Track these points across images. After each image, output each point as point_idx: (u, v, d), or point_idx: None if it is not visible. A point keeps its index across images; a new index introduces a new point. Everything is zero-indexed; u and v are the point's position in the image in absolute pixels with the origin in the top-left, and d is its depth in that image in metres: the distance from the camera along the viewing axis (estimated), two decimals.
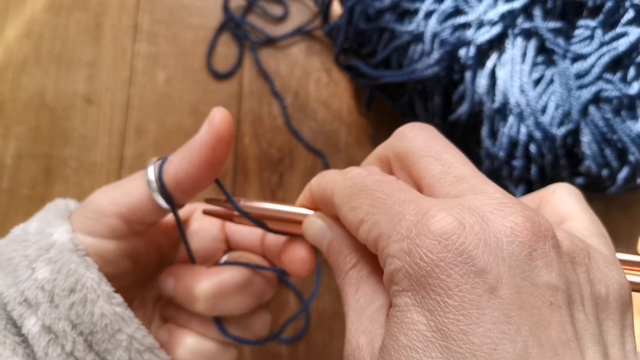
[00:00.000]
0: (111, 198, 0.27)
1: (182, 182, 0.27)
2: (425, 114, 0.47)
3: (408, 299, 0.18)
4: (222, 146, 0.27)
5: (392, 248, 0.19)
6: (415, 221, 0.18)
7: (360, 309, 0.22)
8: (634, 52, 0.42)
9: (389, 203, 0.20)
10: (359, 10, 0.47)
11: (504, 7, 0.42)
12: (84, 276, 0.25)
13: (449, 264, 0.17)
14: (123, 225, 0.27)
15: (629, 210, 0.52)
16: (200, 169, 0.26)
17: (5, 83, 0.50)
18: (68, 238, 0.26)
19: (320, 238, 0.25)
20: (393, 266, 0.19)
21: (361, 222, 0.21)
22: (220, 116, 0.26)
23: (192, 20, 0.53)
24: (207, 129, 0.26)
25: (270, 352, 0.46)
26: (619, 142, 0.42)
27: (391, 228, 0.19)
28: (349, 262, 0.23)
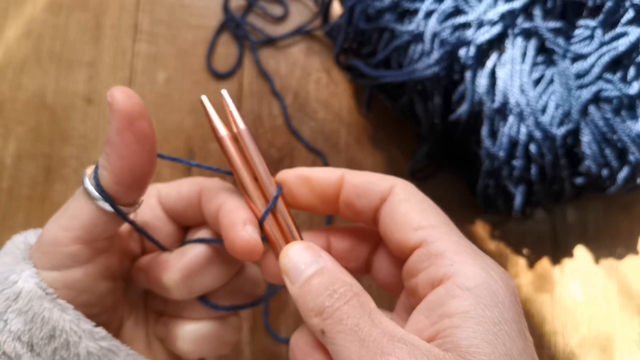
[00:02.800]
0: (62, 225, 0.25)
1: (123, 179, 0.25)
2: (425, 114, 0.47)
3: None
4: (136, 123, 0.24)
5: (472, 267, 0.22)
6: (489, 264, 0.23)
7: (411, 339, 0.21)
8: (634, 52, 0.42)
9: (458, 231, 0.24)
10: (359, 10, 0.47)
11: (504, 7, 0.42)
12: (61, 320, 0.24)
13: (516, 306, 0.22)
14: (84, 249, 0.26)
15: (629, 210, 0.52)
16: (131, 157, 0.24)
17: (5, 83, 0.50)
18: (34, 283, 0.24)
19: (310, 264, 0.24)
20: (475, 279, 0.21)
21: (430, 226, 0.24)
22: (118, 96, 0.24)
23: (192, 20, 0.53)
24: (112, 116, 0.24)
25: (270, 352, 0.46)
26: (619, 142, 0.42)
27: (468, 253, 0.23)
28: (350, 291, 0.23)
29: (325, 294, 0.23)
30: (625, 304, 0.50)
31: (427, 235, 0.24)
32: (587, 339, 0.49)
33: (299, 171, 0.27)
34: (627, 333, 0.49)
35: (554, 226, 0.51)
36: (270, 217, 0.26)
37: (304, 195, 0.27)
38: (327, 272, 0.24)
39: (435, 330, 0.21)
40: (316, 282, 0.23)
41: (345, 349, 0.21)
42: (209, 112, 0.27)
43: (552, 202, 0.47)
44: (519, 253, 0.51)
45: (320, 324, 0.22)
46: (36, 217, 0.47)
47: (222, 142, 0.27)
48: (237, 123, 0.27)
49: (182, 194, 0.29)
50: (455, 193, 0.51)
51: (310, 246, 0.25)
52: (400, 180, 0.26)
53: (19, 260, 0.25)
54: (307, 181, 0.26)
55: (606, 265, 0.51)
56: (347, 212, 0.27)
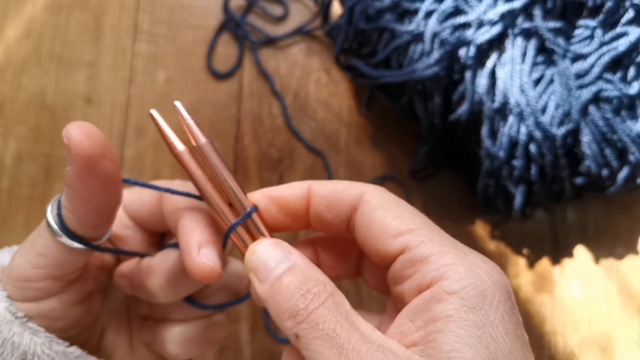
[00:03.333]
0: (30, 262, 0.25)
1: (88, 221, 0.24)
2: (425, 114, 0.47)
3: None
4: (99, 166, 0.22)
5: (461, 265, 0.21)
6: (476, 261, 0.22)
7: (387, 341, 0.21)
8: (634, 52, 0.42)
9: (440, 231, 0.23)
10: (359, 10, 0.47)
11: (504, 7, 0.42)
12: (32, 344, 0.24)
13: (508, 303, 0.21)
14: (55, 283, 0.25)
15: (629, 210, 0.52)
16: (94, 200, 0.23)
17: (5, 83, 0.50)
18: (3, 307, 0.24)
19: (279, 262, 0.23)
20: (460, 282, 0.21)
21: (411, 231, 0.23)
22: (76, 135, 0.21)
23: (192, 20, 0.53)
24: (70, 159, 0.22)
25: (270, 352, 0.46)
26: (619, 142, 0.42)
27: (453, 255, 0.22)
28: (324, 291, 0.22)
29: (298, 294, 0.21)
30: (625, 304, 0.50)
31: (407, 241, 0.22)
32: (587, 339, 0.49)
33: (264, 192, 0.26)
34: (627, 333, 0.49)
35: (554, 226, 0.51)
36: (241, 230, 0.25)
37: (274, 215, 0.25)
38: (299, 270, 0.22)
39: (420, 336, 0.21)
40: (288, 281, 0.22)
41: (322, 356, 0.20)
42: (161, 126, 0.25)
43: (552, 202, 0.47)
44: (519, 253, 0.51)
45: (295, 328, 0.21)
46: (36, 217, 0.47)
47: (180, 158, 0.25)
48: (197, 137, 0.25)
49: (144, 202, 0.29)
50: (455, 193, 0.51)
51: (279, 242, 0.24)
52: (369, 186, 0.25)
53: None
54: (274, 201, 0.25)
55: (606, 265, 0.50)
56: (319, 225, 0.26)
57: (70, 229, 0.23)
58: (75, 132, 0.21)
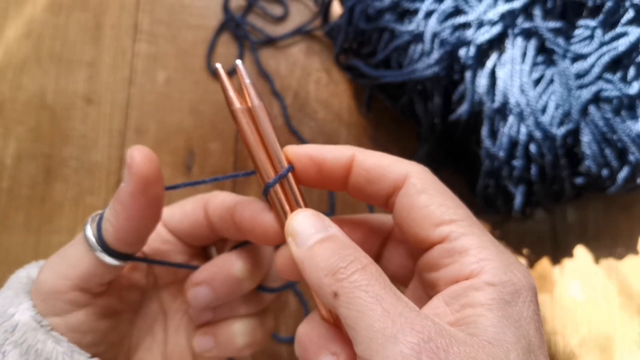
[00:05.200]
0: (60, 274, 0.26)
1: (127, 238, 0.25)
2: (425, 114, 0.47)
3: None
4: (152, 188, 0.24)
5: (500, 262, 0.22)
6: (511, 261, 0.22)
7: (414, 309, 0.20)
8: (634, 52, 0.42)
9: (481, 226, 0.23)
10: (359, 10, 0.47)
11: (504, 7, 0.42)
12: (54, 352, 0.24)
13: (534, 305, 0.22)
14: (83, 295, 0.26)
15: (629, 210, 0.52)
16: (139, 219, 0.24)
17: (5, 83, 0.50)
18: (29, 316, 0.25)
19: (318, 230, 0.23)
20: (500, 277, 0.21)
21: (453, 221, 0.23)
22: (138, 157, 0.24)
23: (192, 20, 0.53)
24: (129, 177, 0.24)
25: (270, 352, 0.46)
26: (619, 142, 0.42)
27: (492, 251, 0.22)
28: (364, 258, 0.21)
29: (337, 256, 0.21)
30: (625, 304, 0.50)
31: (449, 232, 0.23)
32: (587, 339, 0.49)
33: (306, 150, 0.25)
34: (627, 333, 0.49)
35: (554, 226, 0.51)
36: (279, 192, 0.26)
37: (311, 175, 0.26)
38: (337, 240, 0.22)
39: (456, 318, 0.21)
40: (327, 245, 0.22)
41: (365, 317, 0.19)
42: (224, 82, 0.27)
43: (552, 202, 0.47)
44: (519, 253, 0.51)
45: (334, 285, 0.20)
46: (36, 217, 0.47)
47: (235, 115, 0.26)
48: (252, 98, 0.26)
49: (187, 212, 0.29)
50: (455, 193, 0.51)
51: (320, 215, 0.24)
52: (415, 166, 0.25)
53: (18, 293, 0.26)
54: (313, 162, 0.25)
55: (606, 265, 0.51)
56: (356, 193, 0.26)
57: (107, 243, 0.25)
58: (138, 154, 0.24)
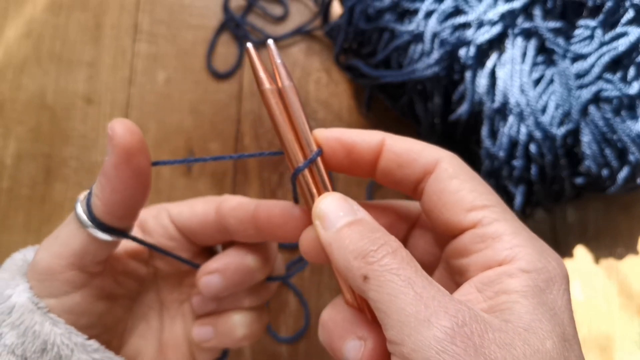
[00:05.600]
0: (55, 253, 0.26)
1: (115, 211, 0.25)
2: (425, 114, 0.47)
3: None
4: (134, 159, 0.24)
5: (533, 248, 0.22)
6: (545, 248, 0.23)
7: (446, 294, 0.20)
8: (634, 52, 0.42)
9: (512, 213, 0.23)
10: (359, 10, 0.47)
11: (504, 7, 0.42)
12: (52, 334, 0.25)
13: (567, 293, 0.22)
14: (79, 274, 0.26)
15: (629, 210, 0.52)
16: (124, 190, 0.24)
17: (5, 83, 0.50)
18: (26, 298, 0.25)
19: (346, 212, 0.23)
20: (534, 264, 0.21)
21: (485, 207, 0.23)
22: (119, 129, 0.24)
23: (192, 20, 0.53)
24: (111, 149, 0.24)
25: (270, 352, 0.46)
26: (619, 142, 0.42)
27: (525, 237, 0.22)
28: (394, 242, 0.21)
29: (367, 238, 0.21)
30: (625, 304, 0.50)
31: (481, 217, 0.22)
32: (587, 339, 0.49)
33: (335, 134, 0.25)
34: (627, 333, 0.49)
35: (554, 226, 0.51)
36: (307, 176, 0.25)
37: (340, 159, 0.25)
38: (366, 223, 0.22)
39: (489, 305, 0.21)
40: (356, 228, 0.22)
41: (397, 300, 0.19)
42: (254, 61, 0.26)
43: (552, 202, 0.47)
44: None
45: (363, 268, 0.20)
46: (36, 217, 0.47)
47: (265, 95, 0.26)
48: (283, 78, 0.26)
49: (196, 211, 0.30)
50: None
51: (347, 199, 0.24)
52: (446, 152, 0.25)
53: (15, 275, 0.26)
54: (343, 146, 0.25)
55: (606, 265, 0.51)
56: (384, 179, 0.25)
57: (97, 218, 0.25)
58: (119, 126, 0.24)
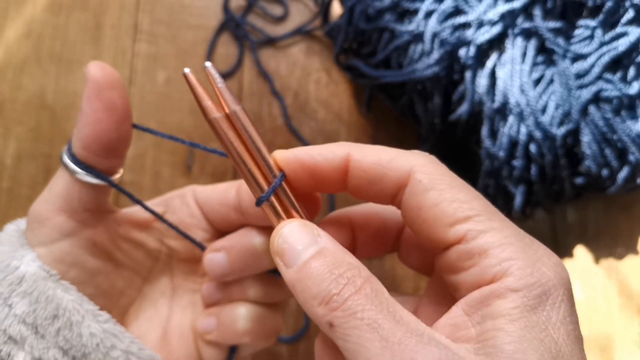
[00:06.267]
0: (43, 199, 0.26)
1: (88, 145, 0.25)
2: (425, 114, 0.47)
3: None
4: (105, 93, 0.25)
5: (526, 261, 0.20)
6: (546, 251, 0.21)
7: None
8: (634, 52, 0.42)
9: (503, 218, 0.21)
10: (359, 10, 0.47)
11: (504, 7, 0.42)
12: (64, 299, 0.25)
13: (568, 303, 0.20)
14: (67, 220, 0.26)
15: (629, 210, 0.52)
16: (97, 124, 0.25)
17: (5, 83, 0.50)
18: (37, 266, 0.25)
19: (305, 245, 0.21)
20: (525, 280, 0.19)
21: (468, 218, 0.21)
22: (93, 68, 0.25)
23: (192, 20, 0.53)
24: (86, 86, 0.25)
25: (270, 352, 0.46)
26: (619, 142, 0.42)
27: (517, 247, 0.20)
28: (359, 277, 0.20)
29: (330, 279, 0.20)
30: (625, 304, 0.50)
31: (465, 231, 0.20)
32: (587, 339, 0.49)
33: (296, 154, 0.23)
34: (627, 333, 0.49)
35: (554, 226, 0.51)
36: (274, 201, 0.23)
37: (305, 180, 0.23)
38: (328, 254, 0.20)
39: (477, 332, 0.19)
40: (317, 265, 0.20)
41: (364, 350, 0.18)
42: (196, 89, 0.24)
43: (552, 202, 0.47)
44: None
45: (328, 316, 0.19)
46: None
47: (214, 124, 0.24)
48: (229, 103, 0.24)
49: (218, 189, 0.30)
50: None
51: (307, 224, 0.22)
52: (420, 157, 0.22)
53: (17, 247, 0.26)
54: (304, 168, 0.23)
55: (606, 265, 0.51)
56: (359, 195, 0.23)
57: (75, 155, 0.25)
58: (93, 65, 0.25)
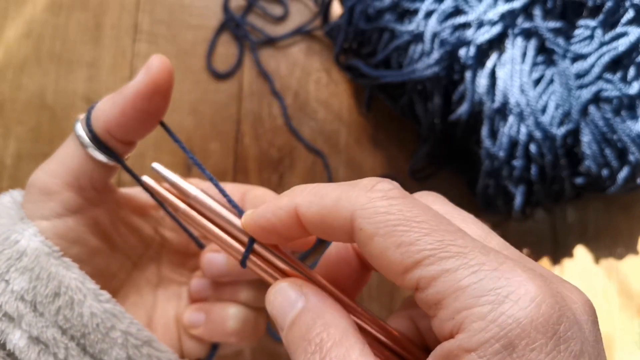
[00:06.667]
0: (51, 171, 0.25)
1: (115, 131, 0.24)
2: (425, 114, 0.47)
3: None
4: (158, 97, 0.24)
5: (482, 310, 0.16)
6: (512, 288, 0.16)
7: None
8: (634, 52, 0.42)
9: (462, 251, 0.17)
10: (359, 10, 0.47)
11: (504, 7, 0.42)
12: (66, 277, 0.24)
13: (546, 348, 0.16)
14: (75, 196, 0.25)
15: (629, 210, 0.52)
16: (133, 119, 0.24)
17: (5, 83, 0.50)
18: (39, 241, 0.24)
19: (287, 309, 0.21)
20: (480, 335, 0.16)
21: (418, 264, 0.17)
22: (159, 63, 0.24)
23: (192, 20, 0.53)
24: (144, 77, 0.24)
25: (270, 352, 0.46)
26: (619, 142, 0.42)
27: (474, 290, 0.16)
28: (327, 341, 0.19)
29: (302, 346, 0.19)
30: (625, 304, 0.50)
31: (417, 279, 0.18)
32: None
33: (254, 219, 0.23)
34: (627, 333, 0.49)
35: (554, 226, 0.51)
36: (256, 260, 0.24)
37: (274, 241, 0.24)
38: (304, 318, 0.20)
39: None
40: (294, 332, 0.20)
41: None
42: (162, 193, 0.26)
43: (552, 202, 0.47)
44: None
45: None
46: None
47: (187, 216, 0.25)
48: (187, 191, 0.25)
49: (227, 186, 0.30)
50: (455, 193, 0.51)
51: (294, 284, 0.22)
52: (360, 196, 0.19)
53: (16, 220, 0.25)
54: (266, 231, 0.23)
55: (606, 265, 0.51)
56: (327, 239, 0.23)
57: (94, 131, 0.24)
58: (157, 60, 0.24)
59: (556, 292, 0.17)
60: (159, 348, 0.27)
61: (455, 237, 0.18)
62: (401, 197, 0.19)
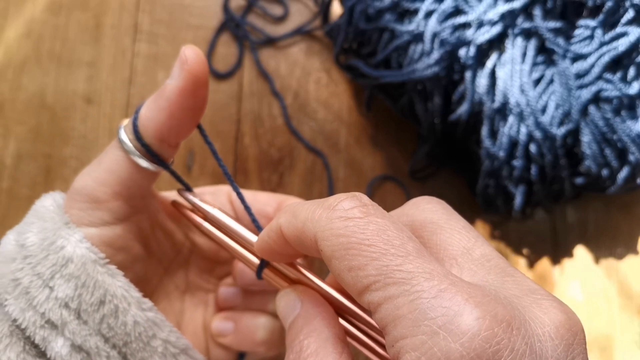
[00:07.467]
0: (99, 179, 0.25)
1: (165, 137, 0.24)
2: (425, 114, 0.47)
3: None
4: (202, 90, 0.24)
5: (415, 342, 0.15)
6: (447, 318, 0.15)
7: None
8: (634, 52, 0.42)
9: (405, 277, 0.16)
10: (359, 10, 0.47)
11: (504, 7, 0.42)
12: (112, 285, 0.24)
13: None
14: (123, 205, 0.25)
15: (629, 210, 0.52)
16: (182, 119, 0.24)
17: (5, 83, 0.50)
18: (85, 248, 0.24)
19: (288, 314, 0.22)
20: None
21: (366, 289, 0.17)
22: (193, 55, 0.23)
23: (192, 20, 0.53)
24: (183, 73, 0.23)
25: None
26: (619, 142, 0.42)
27: (410, 320, 0.16)
28: (306, 348, 0.20)
29: (288, 350, 0.21)
30: (625, 304, 0.50)
31: (368, 303, 0.17)
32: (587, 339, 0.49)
33: (258, 245, 0.24)
34: (627, 333, 0.49)
35: (554, 226, 0.51)
36: (269, 274, 0.26)
37: (283, 259, 0.24)
38: (296, 323, 0.21)
39: None
40: (288, 335, 0.21)
41: None
42: (190, 217, 0.28)
43: (552, 202, 0.47)
44: (519, 253, 0.51)
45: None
46: None
47: (210, 236, 0.28)
48: (207, 211, 0.27)
49: (258, 199, 0.31)
50: (455, 193, 0.51)
51: (290, 292, 0.23)
52: (321, 219, 0.19)
53: (60, 225, 0.24)
54: (270, 254, 0.24)
55: (606, 265, 0.51)
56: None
57: (144, 139, 0.24)
58: (191, 52, 0.23)
59: (509, 318, 0.15)
60: (194, 356, 0.27)
61: (403, 262, 0.17)
62: (359, 217, 0.18)
